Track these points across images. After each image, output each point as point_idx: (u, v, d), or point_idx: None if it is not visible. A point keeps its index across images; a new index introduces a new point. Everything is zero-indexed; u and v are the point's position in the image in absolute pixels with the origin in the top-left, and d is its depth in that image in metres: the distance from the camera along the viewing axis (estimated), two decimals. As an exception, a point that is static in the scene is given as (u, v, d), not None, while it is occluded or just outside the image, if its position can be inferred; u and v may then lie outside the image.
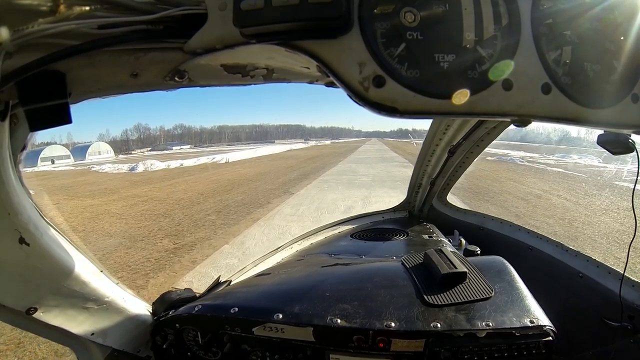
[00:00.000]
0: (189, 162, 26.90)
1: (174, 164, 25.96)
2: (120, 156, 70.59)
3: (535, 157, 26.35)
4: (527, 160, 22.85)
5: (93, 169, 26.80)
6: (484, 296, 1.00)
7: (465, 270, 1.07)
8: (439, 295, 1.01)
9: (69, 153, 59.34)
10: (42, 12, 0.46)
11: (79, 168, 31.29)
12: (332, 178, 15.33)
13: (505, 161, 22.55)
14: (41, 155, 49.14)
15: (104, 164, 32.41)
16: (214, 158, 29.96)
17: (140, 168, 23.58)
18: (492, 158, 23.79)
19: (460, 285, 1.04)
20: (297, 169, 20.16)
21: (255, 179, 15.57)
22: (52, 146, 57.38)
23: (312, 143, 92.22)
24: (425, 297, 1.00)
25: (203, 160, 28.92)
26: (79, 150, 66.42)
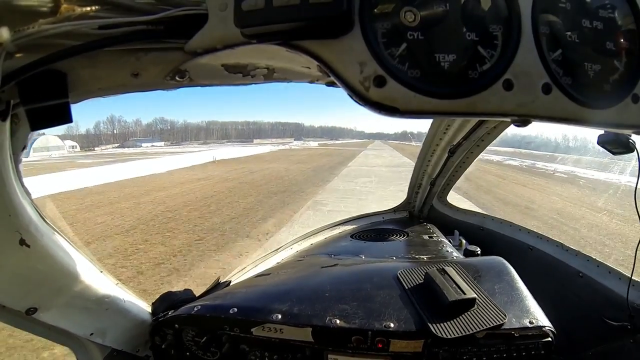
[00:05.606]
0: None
1: None
2: (66, 154, 59.87)
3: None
4: None
5: None
6: (496, 323, 0.91)
7: (475, 296, 0.97)
8: (446, 326, 0.91)
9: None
10: (43, 13, 0.46)
11: None
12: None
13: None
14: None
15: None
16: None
17: None
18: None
19: (470, 312, 0.95)
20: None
21: None
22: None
23: (293, 145, 71.19)
24: (431, 326, 0.90)
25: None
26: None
